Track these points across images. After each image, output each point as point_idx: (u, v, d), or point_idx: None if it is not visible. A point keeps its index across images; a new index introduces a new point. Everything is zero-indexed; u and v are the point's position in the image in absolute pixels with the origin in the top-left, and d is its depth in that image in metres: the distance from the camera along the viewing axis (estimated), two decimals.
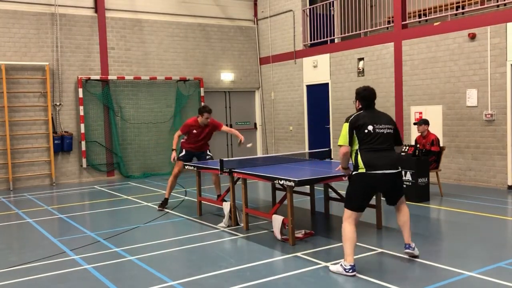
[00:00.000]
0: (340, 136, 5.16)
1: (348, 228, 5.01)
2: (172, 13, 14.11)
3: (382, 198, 6.10)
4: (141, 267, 5.41)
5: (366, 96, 5.28)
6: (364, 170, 5.01)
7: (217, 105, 15.09)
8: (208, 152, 8.81)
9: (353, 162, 5.14)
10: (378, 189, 5.30)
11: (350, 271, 4.86)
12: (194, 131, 8.53)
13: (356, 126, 5.09)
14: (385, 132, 5.14)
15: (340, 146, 5.14)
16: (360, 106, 5.32)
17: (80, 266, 5.50)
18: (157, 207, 8.62)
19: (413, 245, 5.36)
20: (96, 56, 12.95)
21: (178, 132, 8.70)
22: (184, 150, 8.61)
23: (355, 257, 5.44)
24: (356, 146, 5.11)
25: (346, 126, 5.13)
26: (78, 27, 12.72)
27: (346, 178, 5.54)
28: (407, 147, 8.78)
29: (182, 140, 8.71)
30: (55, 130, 12.38)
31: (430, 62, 10.71)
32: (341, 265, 4.94)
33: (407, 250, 5.37)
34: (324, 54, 13.30)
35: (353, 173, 5.14)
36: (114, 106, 13.10)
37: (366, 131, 5.06)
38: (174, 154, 8.53)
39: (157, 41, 13.82)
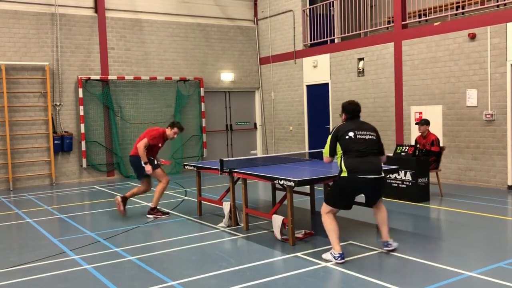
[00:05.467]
0: (325, 146, 5.59)
1: (328, 220, 5.43)
2: (172, 13, 14.11)
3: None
4: (141, 267, 5.41)
5: (350, 109, 5.65)
6: (346, 174, 5.35)
7: (217, 105, 15.11)
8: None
9: (339, 166, 5.47)
10: (360, 192, 5.53)
11: (339, 258, 5.22)
12: (160, 145, 8.06)
13: (338, 135, 5.48)
14: (366, 137, 5.45)
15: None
16: (345, 118, 5.69)
17: (80, 266, 5.50)
18: (158, 215, 7.97)
19: (391, 241, 5.61)
20: (96, 56, 12.95)
21: (146, 143, 7.78)
22: (155, 158, 8.03)
23: (356, 257, 5.45)
24: (341, 152, 5.45)
25: (329, 137, 5.54)
26: (78, 27, 12.72)
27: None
28: (407, 147, 8.78)
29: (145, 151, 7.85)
30: (55, 130, 12.38)
31: (430, 62, 10.70)
32: (330, 253, 5.30)
33: (386, 248, 5.58)
34: (324, 54, 13.30)
35: (338, 176, 5.49)
36: (114, 106, 13.10)
37: (347, 137, 5.42)
38: (149, 166, 7.78)
39: (157, 41, 13.82)
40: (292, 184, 5.75)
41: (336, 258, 5.22)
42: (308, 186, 7.87)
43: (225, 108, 15.36)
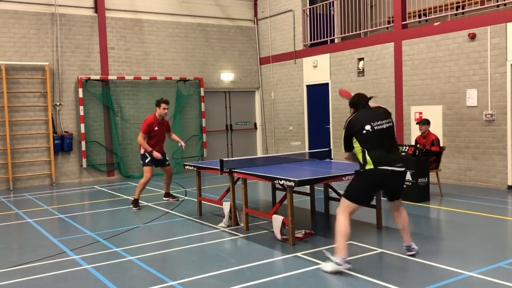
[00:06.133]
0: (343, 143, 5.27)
1: (343, 220, 5.00)
2: (172, 13, 14.11)
3: (383, 198, 6.10)
4: (141, 267, 5.41)
5: (355, 101, 5.33)
6: (372, 166, 4.97)
7: (217, 105, 15.11)
8: (167, 158, 9.14)
9: (361, 160, 5.09)
10: (383, 185, 5.20)
11: (344, 263, 4.88)
12: (156, 128, 8.71)
13: (353, 131, 5.11)
14: (385, 127, 5.10)
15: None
16: (353, 112, 5.33)
17: (80, 266, 5.50)
18: (133, 208, 8.66)
19: (414, 245, 5.45)
20: (96, 56, 12.95)
21: (141, 134, 8.65)
22: (148, 155, 8.68)
23: (356, 257, 5.45)
24: (360, 147, 5.10)
25: (344, 134, 5.21)
26: (78, 27, 12.73)
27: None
28: (407, 147, 8.78)
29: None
30: (55, 130, 12.38)
31: (430, 62, 10.70)
32: (333, 261, 4.92)
33: (409, 252, 5.41)
34: (324, 54, 13.30)
35: (361, 169, 5.11)
36: (114, 106, 13.10)
37: (364, 131, 5.04)
38: (156, 153, 8.64)
39: (157, 41, 13.82)
40: (292, 184, 5.75)
41: (340, 263, 4.86)
42: (308, 186, 7.87)
43: (225, 108, 15.36)
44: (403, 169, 5.11)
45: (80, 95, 12.56)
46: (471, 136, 10.05)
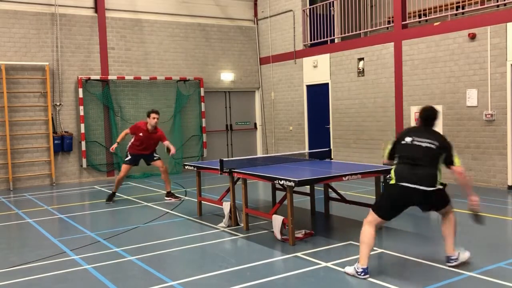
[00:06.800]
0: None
1: (367, 230, 4.91)
2: (172, 13, 14.12)
3: None
4: (141, 267, 5.41)
5: (423, 115, 5.13)
6: (394, 182, 4.88)
7: (217, 105, 15.11)
8: (155, 154, 9.50)
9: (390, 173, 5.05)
10: (408, 202, 4.92)
11: (362, 274, 4.78)
12: (140, 134, 9.14)
13: (398, 138, 5.12)
14: (423, 145, 4.87)
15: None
16: (418, 123, 5.25)
17: (80, 266, 5.50)
18: (105, 200, 9.36)
19: (456, 255, 5.11)
20: (96, 56, 12.95)
21: (126, 130, 9.40)
22: (129, 154, 9.34)
23: (356, 257, 5.44)
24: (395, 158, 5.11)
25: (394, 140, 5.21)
26: (78, 27, 12.73)
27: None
28: None
29: (128, 144, 9.43)
30: (55, 130, 12.38)
31: (430, 62, 10.70)
32: (354, 267, 4.88)
33: (449, 264, 5.08)
34: (324, 54, 13.30)
35: (387, 183, 5.05)
36: (114, 106, 13.10)
37: (403, 142, 4.99)
38: (115, 145, 9.28)
39: (157, 41, 13.82)
40: (292, 184, 5.75)
41: (359, 273, 4.79)
42: (308, 186, 7.87)
43: (225, 108, 15.36)
44: (429, 188, 4.81)
45: (80, 95, 12.56)
46: (471, 136, 10.05)
